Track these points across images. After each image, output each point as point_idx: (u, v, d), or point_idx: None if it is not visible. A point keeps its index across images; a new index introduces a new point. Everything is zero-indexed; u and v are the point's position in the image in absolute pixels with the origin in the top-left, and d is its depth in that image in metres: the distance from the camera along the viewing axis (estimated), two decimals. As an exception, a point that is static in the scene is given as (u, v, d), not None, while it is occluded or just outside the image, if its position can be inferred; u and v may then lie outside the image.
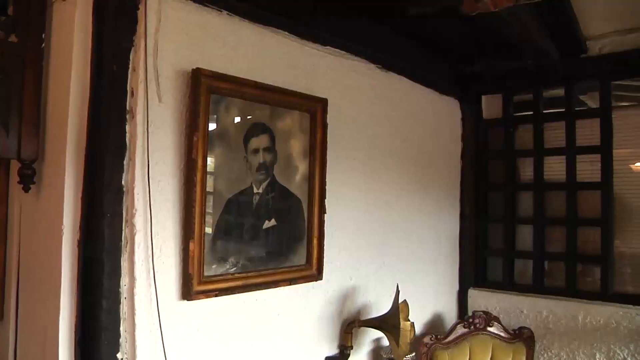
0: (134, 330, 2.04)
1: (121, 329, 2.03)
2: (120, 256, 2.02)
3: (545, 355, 3.54)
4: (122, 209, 2.02)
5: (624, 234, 3.52)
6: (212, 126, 2.25)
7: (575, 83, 3.59)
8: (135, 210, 2.03)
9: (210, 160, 2.23)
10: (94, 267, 1.96)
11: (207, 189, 2.23)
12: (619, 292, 3.41)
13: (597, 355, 3.34)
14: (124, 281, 2.03)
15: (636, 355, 3.21)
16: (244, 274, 2.38)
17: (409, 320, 2.83)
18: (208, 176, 2.23)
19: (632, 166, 3.56)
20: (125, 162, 2.03)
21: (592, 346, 3.36)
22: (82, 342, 1.96)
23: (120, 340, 2.03)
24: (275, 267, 2.53)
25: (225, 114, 2.31)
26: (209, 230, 2.25)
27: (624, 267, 3.55)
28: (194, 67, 2.18)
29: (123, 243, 2.02)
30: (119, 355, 2.02)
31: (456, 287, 3.94)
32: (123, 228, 2.02)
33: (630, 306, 3.26)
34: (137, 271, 2.04)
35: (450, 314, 3.85)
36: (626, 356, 3.25)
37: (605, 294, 3.41)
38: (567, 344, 3.46)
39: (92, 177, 1.97)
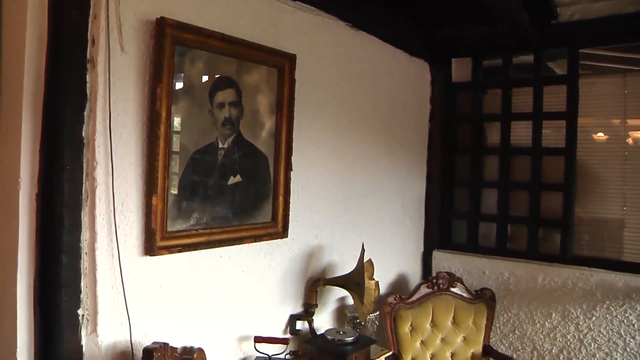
0: (95, 286, 2.01)
1: (82, 284, 1.99)
2: (81, 210, 1.97)
3: (505, 315, 3.63)
4: (82, 162, 1.97)
5: (584, 200, 3.60)
6: (176, 78, 2.19)
7: (544, 49, 3.61)
8: (96, 163, 1.98)
9: (174, 113, 2.17)
10: (54, 221, 1.91)
11: (171, 143, 2.17)
12: (577, 255, 3.50)
13: (553, 315, 3.45)
14: (85, 236, 1.99)
15: (587, 313, 3.33)
16: (207, 230, 2.35)
17: (374, 279, 2.86)
18: (172, 130, 2.17)
19: (595, 136, 3.62)
20: (85, 114, 1.97)
21: (549, 306, 3.47)
22: (41, 299, 1.93)
23: (81, 296, 2.00)
24: (240, 223, 2.51)
25: (190, 66, 2.25)
26: (172, 184, 2.21)
27: (582, 231, 3.64)
28: (159, 17, 2.10)
29: (83, 197, 1.98)
30: (79, 312, 1.99)
31: (421, 248, 3.99)
32: (83, 181, 1.97)
33: (586, 268, 3.36)
34: (98, 226, 2.00)
35: (415, 275, 3.91)
36: (579, 315, 3.36)
37: (564, 257, 3.51)
38: (526, 304, 3.55)
39: (50, 129, 1.90)
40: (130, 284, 2.11)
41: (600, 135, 3.61)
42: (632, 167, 3.45)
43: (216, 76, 2.38)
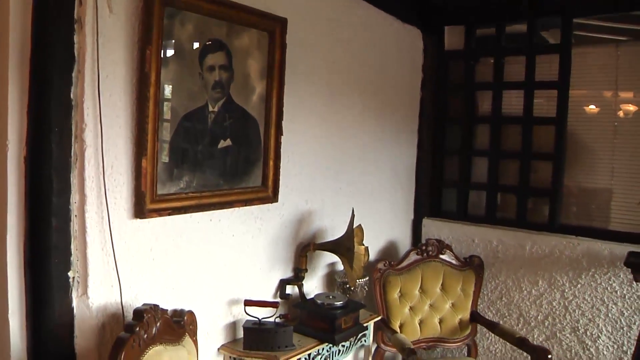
0: (85, 249, 2.02)
1: (72, 247, 2.00)
2: (70, 173, 1.96)
3: (493, 282, 3.68)
4: (70, 124, 1.95)
5: (574, 170, 3.62)
6: (166, 41, 2.16)
7: (538, 18, 3.58)
8: (85, 125, 1.97)
9: (164, 76, 2.15)
10: (42, 184, 1.90)
11: (160, 106, 2.16)
12: (565, 224, 3.54)
13: (540, 282, 3.50)
14: (74, 198, 1.99)
15: (573, 281, 3.38)
16: (197, 194, 2.36)
17: (363, 245, 2.88)
18: (161, 92, 2.16)
19: (586, 107, 3.63)
20: (73, 75, 1.95)
21: (536, 274, 3.51)
22: (31, 262, 1.93)
23: (72, 258, 2.00)
24: (230, 187, 2.52)
25: (180, 28, 2.22)
26: (162, 147, 2.20)
27: (571, 201, 3.68)
28: (147, -24, 2.06)
29: (72, 159, 1.97)
30: (70, 274, 2.00)
31: (411, 216, 4.01)
32: (72, 144, 1.96)
33: (573, 237, 3.41)
34: (88, 188, 2.00)
35: (404, 243, 3.94)
36: (565, 282, 3.41)
37: (552, 226, 3.55)
38: (514, 272, 3.60)
39: (38, 91, 1.88)
40: (121, 247, 2.12)
41: (592, 107, 3.61)
42: (621, 138, 3.47)
43: (206, 39, 2.35)
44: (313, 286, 3.15)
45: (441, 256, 3.55)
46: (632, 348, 3.16)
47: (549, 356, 2.97)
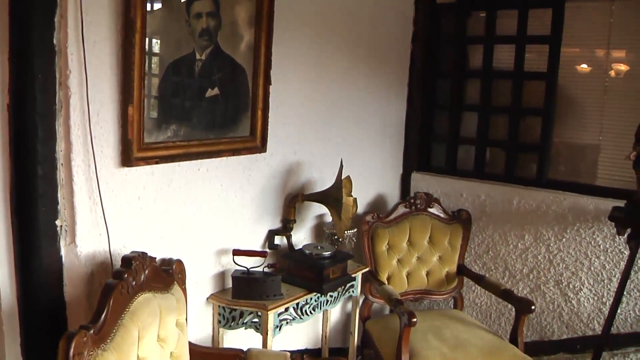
0: (72, 197, 2.01)
1: (59, 196, 1.99)
2: (55, 120, 1.94)
3: (480, 236, 3.73)
4: (54, 71, 1.92)
5: (563, 126, 3.62)
6: (151, -15, 2.11)
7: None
8: (70, 72, 1.93)
9: (149, 22, 2.10)
10: (27, 132, 1.88)
11: (147, 53, 2.12)
12: (552, 180, 3.57)
13: (526, 236, 3.54)
14: (60, 147, 1.97)
15: (558, 235, 3.43)
16: (185, 142, 2.34)
17: (352, 196, 2.89)
18: (147, 39, 2.11)
19: (577, 64, 3.60)
20: (56, 20, 1.89)
21: (523, 228, 3.55)
22: (18, 210, 1.93)
23: (59, 207, 2.00)
24: (218, 137, 2.50)
25: (165, -28, 2.16)
26: (148, 95, 2.17)
27: (559, 156, 3.69)
28: None
29: (57, 107, 1.94)
30: (57, 222, 2.00)
31: (400, 170, 4.02)
32: (56, 91, 1.93)
33: (560, 192, 3.43)
34: (73, 136, 1.97)
35: (393, 196, 3.96)
36: (550, 236, 3.46)
37: (540, 181, 3.57)
38: (501, 226, 3.64)
39: (19, 36, 1.84)
40: (108, 195, 2.12)
41: (584, 66, 3.58)
42: (611, 96, 3.46)
43: (193, -16, 2.29)
44: (301, 237, 3.18)
45: (429, 210, 3.58)
46: (611, 299, 3.23)
47: (533, 307, 3.04)
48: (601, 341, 3.08)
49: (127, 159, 2.13)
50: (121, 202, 2.18)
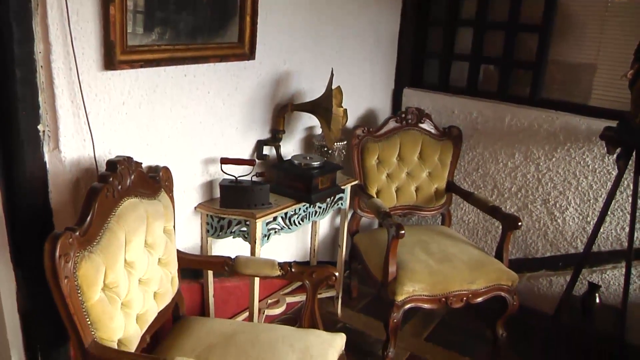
0: (53, 101, 1.93)
1: (40, 99, 1.91)
2: (32, 20, 1.82)
3: (470, 153, 3.71)
4: (28, -36, 1.79)
5: (559, 44, 3.53)
6: None
7: None
8: (45, -35, 1.81)
9: None
10: (2, 32, 1.77)
11: (127, -55, 1.99)
12: (545, 98, 3.52)
13: (517, 155, 3.53)
14: (38, 48, 1.86)
15: (548, 154, 3.42)
16: (171, 46, 2.24)
17: (342, 107, 2.83)
18: None
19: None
20: None
21: (513, 147, 3.54)
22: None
23: (40, 111, 1.92)
24: (205, 41, 2.40)
25: None
26: (131, -7, 2.06)
27: (554, 75, 3.62)
28: None
29: (33, 4, 1.81)
30: (40, 127, 1.93)
31: (392, 86, 3.94)
32: (32, -13, 1.81)
33: (553, 111, 3.39)
34: (52, 37, 1.87)
35: (384, 112, 3.90)
36: (540, 156, 3.45)
37: (533, 99, 3.52)
38: (492, 144, 3.62)
39: None
40: (91, 100, 2.05)
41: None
42: (612, 14, 3.35)
43: None
44: (290, 149, 3.15)
45: (420, 125, 3.54)
46: (595, 219, 3.27)
47: (520, 223, 3.07)
48: (582, 259, 3.15)
49: (110, 61, 2.04)
50: (105, 107, 2.11)
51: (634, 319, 3.25)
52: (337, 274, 2.28)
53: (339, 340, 2.25)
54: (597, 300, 3.20)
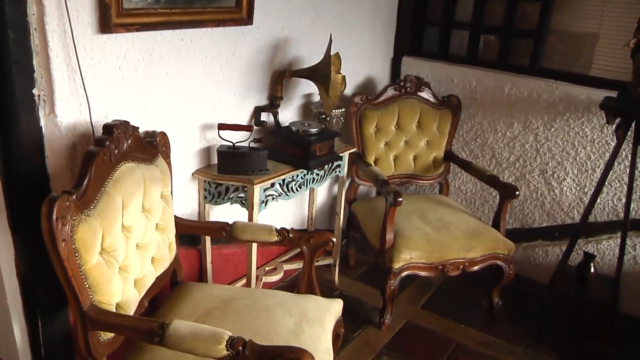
0: (48, 65, 1.90)
1: (34, 63, 1.88)
2: (24, -21, 1.79)
3: (469, 123, 3.70)
4: None
5: (561, 12, 3.48)
6: None
7: None
8: None
9: None
10: (-7, -9, 1.74)
11: None
12: (545, 68, 3.48)
13: (515, 125, 3.52)
14: (32, 10, 1.82)
15: (547, 124, 3.40)
16: (167, 10, 2.21)
17: (340, 73, 2.80)
18: None
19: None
20: None
21: (512, 116, 3.52)
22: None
23: (35, 75, 1.89)
24: (202, 5, 2.36)
25: None
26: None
27: (555, 44, 3.59)
28: None
29: (25, -37, 1.79)
30: (35, 91, 1.91)
31: (391, 54, 3.90)
32: (22, -56, 1.77)
33: (552, 81, 3.36)
34: (45, -3, 1.83)
35: (383, 80, 3.87)
36: (539, 125, 3.44)
37: (533, 69, 3.49)
38: (490, 114, 3.60)
39: None
40: (87, 63, 2.02)
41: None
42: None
43: None
44: (288, 116, 3.13)
45: (419, 93, 3.51)
46: (592, 189, 3.28)
47: (517, 192, 3.07)
48: (578, 229, 3.16)
49: (105, 24, 2.00)
50: (101, 71, 2.08)
51: (627, 289, 3.29)
52: (334, 239, 2.29)
53: (336, 306, 2.27)
54: (592, 270, 3.23)
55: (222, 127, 2.55)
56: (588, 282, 3.24)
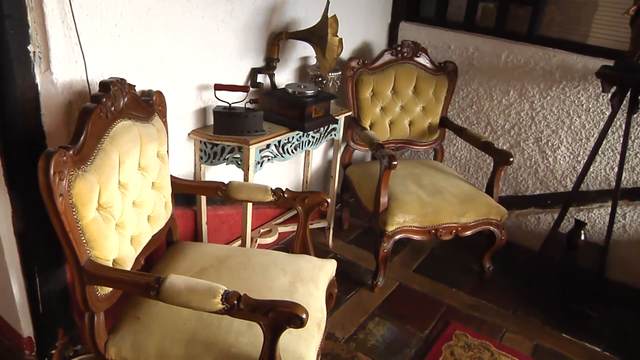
0: (43, 21, 1.88)
1: (29, 19, 1.86)
2: None
3: (465, 89, 3.70)
4: None
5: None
6: None
7: None
8: None
9: None
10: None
11: None
12: (543, 35, 3.47)
13: (511, 92, 3.52)
14: (24, -38, 1.81)
15: (543, 92, 3.41)
16: (164, -34, 2.19)
17: (337, 36, 2.78)
18: None
19: None
20: None
21: (509, 83, 3.52)
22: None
23: (30, 31, 1.87)
24: (199, -38, 2.34)
25: None
26: None
27: (552, 12, 3.56)
28: None
29: None
30: (30, 48, 1.89)
31: (388, 19, 3.87)
32: None
33: (550, 48, 3.36)
34: (38, -51, 1.81)
35: (380, 45, 3.85)
36: (535, 93, 3.44)
37: (530, 36, 3.47)
38: (487, 81, 3.60)
39: None
40: (82, 20, 1.99)
41: None
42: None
43: None
44: (285, 78, 3.12)
45: (416, 59, 3.50)
46: (585, 158, 3.31)
47: (511, 159, 3.09)
48: (570, 197, 3.20)
49: (100, -21, 1.99)
50: (97, 28, 2.06)
51: (615, 256, 3.35)
52: (329, 199, 2.30)
53: (330, 266, 2.31)
54: (582, 237, 3.28)
55: (218, 87, 2.54)
56: (577, 249, 3.29)
